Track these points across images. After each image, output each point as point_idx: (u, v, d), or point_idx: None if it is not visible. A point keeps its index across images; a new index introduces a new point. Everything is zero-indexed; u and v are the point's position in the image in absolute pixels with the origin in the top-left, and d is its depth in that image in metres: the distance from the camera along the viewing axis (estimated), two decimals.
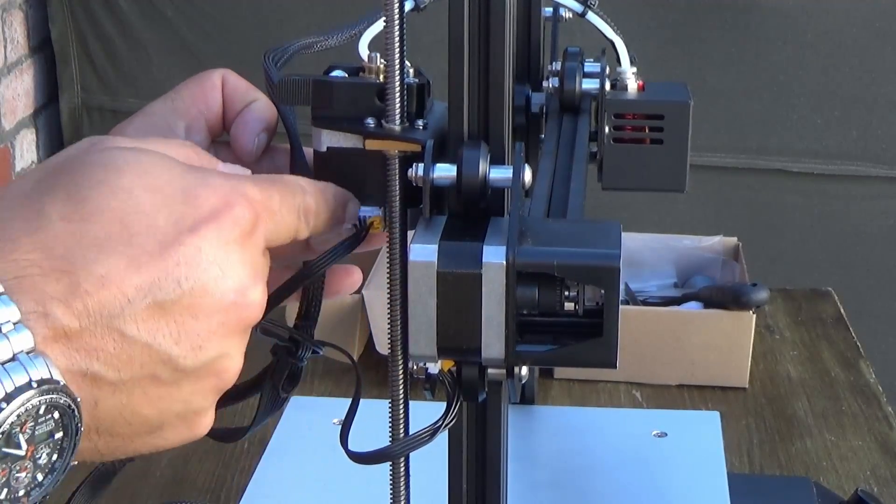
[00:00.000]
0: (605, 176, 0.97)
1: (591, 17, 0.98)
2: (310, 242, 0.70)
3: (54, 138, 2.52)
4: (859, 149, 2.28)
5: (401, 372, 0.68)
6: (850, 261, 2.32)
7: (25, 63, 2.40)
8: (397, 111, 0.66)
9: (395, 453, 0.67)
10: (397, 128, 0.66)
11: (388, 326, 0.68)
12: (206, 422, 0.59)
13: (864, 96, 2.26)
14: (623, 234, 0.64)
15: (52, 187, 0.56)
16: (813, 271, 2.30)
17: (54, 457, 0.53)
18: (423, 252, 0.63)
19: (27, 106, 2.41)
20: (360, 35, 0.79)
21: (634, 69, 0.98)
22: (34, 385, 0.51)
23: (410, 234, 0.66)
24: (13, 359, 0.51)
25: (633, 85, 0.98)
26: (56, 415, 0.52)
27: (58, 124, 2.50)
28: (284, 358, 0.70)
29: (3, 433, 0.50)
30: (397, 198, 0.66)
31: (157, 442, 0.58)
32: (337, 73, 0.70)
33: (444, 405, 0.69)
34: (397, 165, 0.66)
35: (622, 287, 1.44)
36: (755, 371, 1.40)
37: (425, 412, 0.69)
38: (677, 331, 1.38)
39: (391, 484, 0.71)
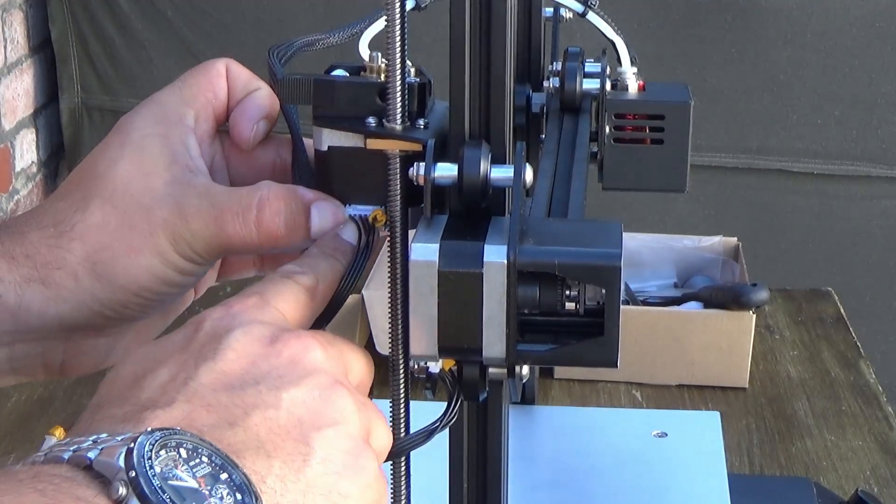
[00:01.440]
0: (605, 176, 0.97)
1: (592, 17, 0.98)
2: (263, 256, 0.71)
3: (54, 138, 2.52)
4: (859, 149, 2.28)
5: (401, 371, 0.68)
6: (850, 261, 2.32)
7: (25, 63, 2.40)
8: (398, 110, 0.66)
9: (394, 452, 0.66)
10: (398, 127, 0.66)
11: (389, 326, 0.68)
12: None
13: (864, 96, 2.26)
14: (623, 234, 0.64)
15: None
16: (813, 271, 2.30)
17: None
18: (424, 251, 0.63)
19: (27, 106, 2.41)
20: (361, 34, 0.79)
21: (635, 69, 0.98)
22: None
23: (411, 233, 0.66)
24: None
25: (633, 85, 0.98)
26: None
27: (58, 124, 2.50)
28: None
29: None
30: (398, 197, 0.66)
31: None
32: (338, 72, 0.70)
33: (445, 404, 0.69)
34: (398, 165, 0.66)
35: (622, 287, 1.44)
36: (755, 371, 1.40)
37: (426, 412, 0.69)
38: (677, 331, 1.38)
39: (391, 484, 0.71)
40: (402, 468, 0.71)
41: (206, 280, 0.75)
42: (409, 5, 0.85)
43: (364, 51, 0.76)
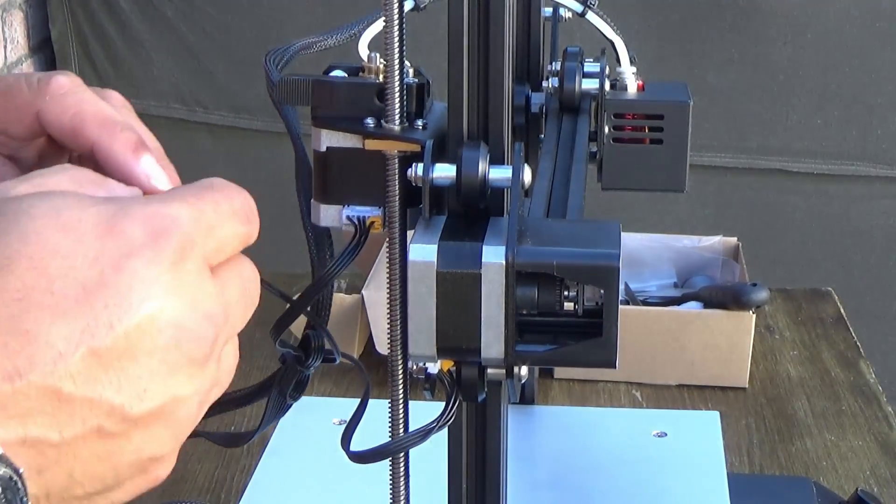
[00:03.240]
0: (604, 176, 0.97)
1: (591, 16, 0.98)
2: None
3: None
4: (859, 149, 2.28)
5: (401, 372, 0.69)
6: (850, 261, 2.32)
7: (25, 63, 2.40)
8: (397, 111, 0.66)
9: (391, 450, 0.67)
10: (397, 128, 0.66)
11: (388, 326, 0.68)
12: (166, 468, 0.54)
13: (864, 96, 2.26)
14: (623, 234, 0.64)
15: None
16: (813, 271, 2.30)
17: None
18: (423, 252, 0.63)
19: None
20: (360, 35, 0.79)
21: (634, 69, 0.99)
22: None
23: (410, 234, 0.66)
24: None
25: (632, 85, 0.98)
26: None
27: None
28: (293, 366, 0.70)
29: None
30: (397, 198, 0.66)
31: (117, 496, 0.53)
32: (337, 73, 0.70)
33: (443, 405, 0.69)
34: (397, 165, 0.66)
35: (622, 287, 1.44)
36: (755, 371, 1.40)
37: (425, 412, 0.69)
38: (677, 331, 1.38)
39: (391, 484, 0.71)
40: (402, 468, 0.71)
41: None
42: (408, 6, 0.85)
43: (363, 51, 0.76)
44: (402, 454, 0.70)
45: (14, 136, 0.64)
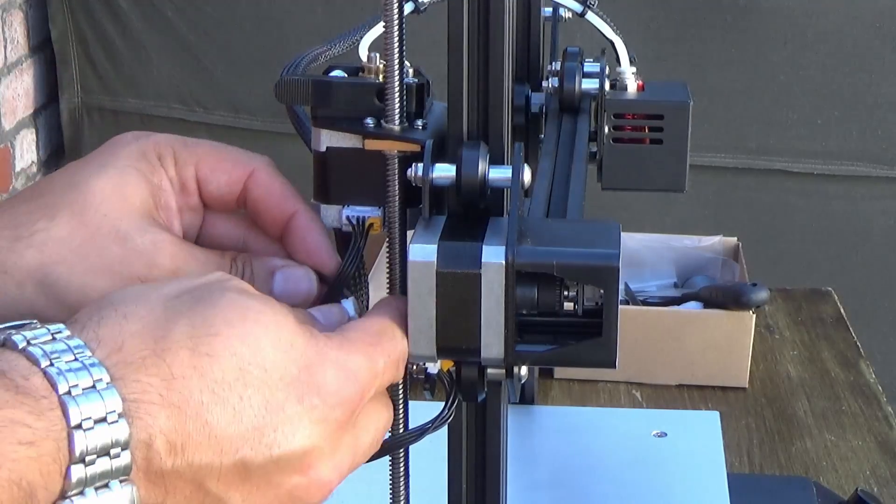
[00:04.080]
0: (604, 176, 0.97)
1: (591, 16, 0.98)
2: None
3: (54, 138, 2.52)
4: (859, 149, 2.28)
5: None
6: (850, 261, 2.32)
7: (25, 63, 2.40)
8: (397, 111, 0.66)
9: (388, 448, 0.67)
10: (397, 128, 0.66)
11: None
12: None
13: (864, 96, 2.26)
14: (623, 234, 0.64)
15: (182, 313, 0.56)
16: (813, 271, 2.30)
17: None
18: (423, 252, 0.63)
19: (27, 106, 2.41)
20: (361, 40, 0.79)
21: (634, 69, 0.98)
22: None
23: (410, 234, 0.66)
24: (106, 485, 0.52)
25: (632, 85, 0.98)
26: None
27: (58, 124, 2.50)
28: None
29: None
30: (396, 198, 0.66)
31: None
32: (337, 73, 0.70)
33: (443, 405, 0.69)
34: (397, 165, 0.66)
35: (622, 287, 1.44)
36: (755, 371, 1.40)
37: (425, 412, 0.69)
38: (677, 331, 1.38)
39: (391, 484, 0.71)
40: (401, 468, 0.71)
41: None
42: (408, 8, 0.85)
43: (364, 53, 0.76)
44: (402, 454, 0.70)
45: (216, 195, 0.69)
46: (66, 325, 0.54)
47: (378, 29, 0.79)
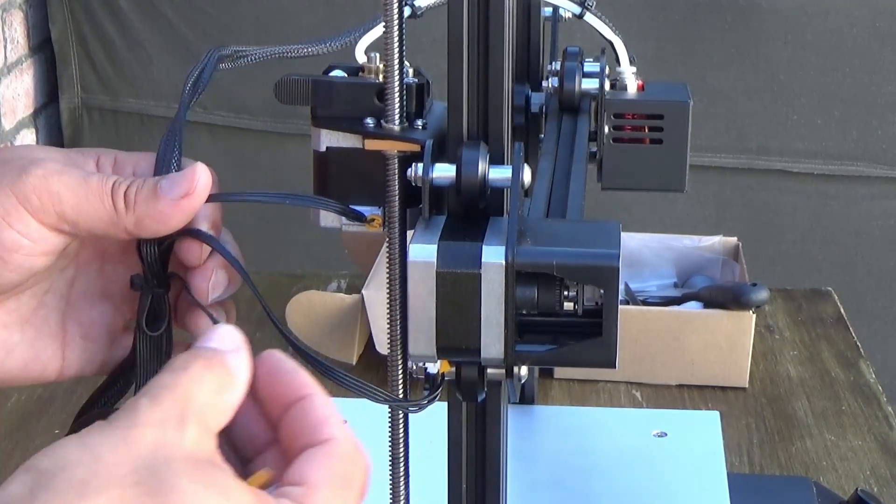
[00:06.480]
0: (604, 176, 0.97)
1: (590, 17, 0.98)
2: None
3: (54, 138, 2.52)
4: (859, 149, 2.28)
5: (401, 372, 0.69)
6: (850, 261, 2.32)
7: (25, 63, 2.40)
8: (396, 111, 0.66)
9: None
10: (397, 128, 0.66)
11: (388, 326, 0.68)
12: None
13: (864, 96, 2.26)
14: (623, 234, 0.64)
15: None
16: (813, 271, 2.30)
17: None
18: (423, 252, 0.63)
19: (27, 106, 2.41)
20: (357, 41, 0.79)
21: (634, 69, 0.98)
22: None
23: (410, 234, 0.66)
24: None
25: (632, 85, 0.98)
26: None
27: (58, 124, 2.50)
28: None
29: None
30: (397, 198, 0.66)
31: None
32: (336, 72, 0.70)
33: (443, 405, 0.69)
34: (397, 165, 0.66)
35: (622, 287, 1.44)
36: (755, 371, 1.40)
37: (424, 412, 0.69)
38: (677, 331, 1.38)
39: (391, 484, 0.71)
40: (401, 468, 0.71)
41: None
42: (406, 13, 0.84)
43: (360, 56, 0.76)
44: (402, 455, 0.70)
45: None
46: None
47: (374, 33, 0.79)
